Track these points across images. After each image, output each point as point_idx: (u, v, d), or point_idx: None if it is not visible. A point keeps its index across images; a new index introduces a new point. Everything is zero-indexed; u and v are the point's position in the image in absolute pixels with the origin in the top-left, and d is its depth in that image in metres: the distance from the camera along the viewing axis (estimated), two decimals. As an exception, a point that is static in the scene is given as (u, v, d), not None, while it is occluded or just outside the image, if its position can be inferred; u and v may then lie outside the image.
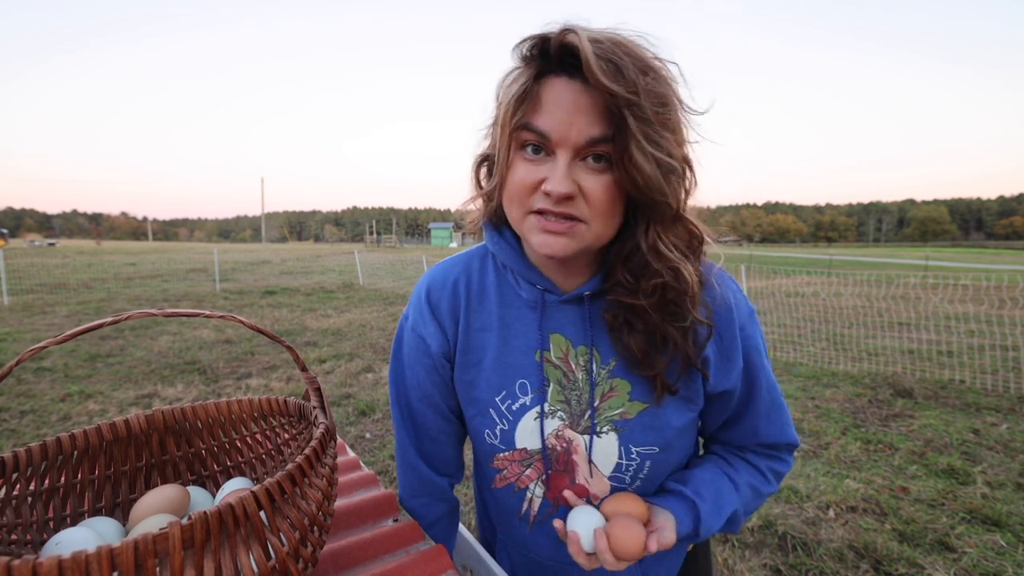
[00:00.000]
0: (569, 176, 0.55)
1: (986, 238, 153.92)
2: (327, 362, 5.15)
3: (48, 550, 0.55)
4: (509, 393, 0.70)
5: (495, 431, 0.72)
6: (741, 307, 0.69)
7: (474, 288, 0.73)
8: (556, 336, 0.69)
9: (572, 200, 0.56)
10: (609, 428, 0.68)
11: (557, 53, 0.55)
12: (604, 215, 0.58)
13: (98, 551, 0.39)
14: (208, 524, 0.45)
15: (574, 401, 0.69)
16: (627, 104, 0.52)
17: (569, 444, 0.70)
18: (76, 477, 0.68)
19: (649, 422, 0.68)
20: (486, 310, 0.72)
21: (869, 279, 9.33)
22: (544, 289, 0.68)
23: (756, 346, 0.70)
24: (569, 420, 0.69)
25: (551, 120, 0.55)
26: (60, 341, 0.55)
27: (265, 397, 0.83)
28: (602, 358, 0.68)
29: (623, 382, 0.67)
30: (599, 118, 0.54)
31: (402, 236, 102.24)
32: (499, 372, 0.70)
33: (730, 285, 0.69)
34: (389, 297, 10.06)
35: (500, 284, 0.72)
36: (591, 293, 0.67)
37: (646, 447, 0.68)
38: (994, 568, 2.07)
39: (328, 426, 0.64)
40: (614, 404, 0.68)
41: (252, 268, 17.09)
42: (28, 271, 11.31)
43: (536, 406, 0.69)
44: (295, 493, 0.55)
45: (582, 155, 0.56)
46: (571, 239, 0.58)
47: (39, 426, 3.44)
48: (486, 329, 0.72)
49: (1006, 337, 5.53)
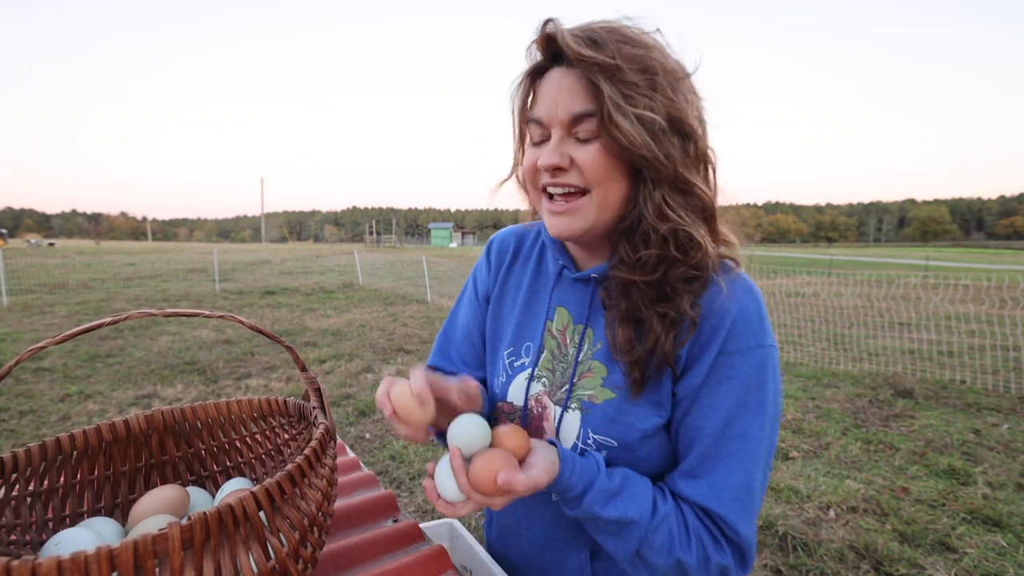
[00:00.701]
0: (558, 150, 0.60)
1: (987, 238, 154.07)
2: (327, 362, 5.15)
3: (47, 550, 0.55)
4: (515, 351, 0.78)
5: (498, 381, 0.79)
6: (741, 331, 0.61)
7: (523, 252, 0.84)
8: (562, 310, 0.74)
9: (566, 172, 0.61)
10: (576, 406, 0.70)
11: (545, 47, 0.61)
12: (601, 180, 0.60)
13: (97, 552, 0.39)
14: (208, 524, 0.45)
15: (559, 372, 0.72)
16: (604, 70, 0.55)
17: (543, 411, 0.73)
18: (76, 477, 0.68)
19: (612, 414, 0.67)
20: (524, 273, 0.82)
21: (869, 279, 9.33)
22: (563, 265, 0.74)
23: (734, 379, 0.61)
24: (549, 388, 0.73)
25: (543, 108, 0.61)
26: (59, 341, 0.55)
27: (265, 397, 0.83)
28: (593, 339, 0.70)
29: (601, 366, 0.69)
30: (582, 94, 0.58)
31: (402, 236, 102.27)
32: (515, 330, 0.79)
33: (743, 299, 0.62)
34: (389, 297, 10.06)
35: (542, 255, 0.81)
36: (598, 277, 0.70)
37: (603, 437, 0.67)
38: (995, 568, 2.07)
39: (328, 426, 0.64)
40: (587, 385, 0.69)
41: (252, 268, 17.09)
42: (27, 271, 11.30)
43: (530, 368, 0.75)
44: (295, 493, 0.54)
45: (573, 132, 0.60)
46: (575, 217, 0.62)
47: (38, 426, 3.44)
48: (518, 288, 0.81)
49: (1007, 337, 5.53)
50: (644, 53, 0.57)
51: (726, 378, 0.61)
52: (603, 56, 0.55)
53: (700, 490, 0.62)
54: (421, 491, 2.69)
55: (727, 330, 0.61)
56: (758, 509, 0.63)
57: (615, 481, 0.62)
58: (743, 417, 0.61)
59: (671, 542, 0.61)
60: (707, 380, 0.62)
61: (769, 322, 0.64)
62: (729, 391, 0.61)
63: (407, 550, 0.73)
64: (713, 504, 0.61)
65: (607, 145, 0.58)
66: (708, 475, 0.62)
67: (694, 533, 0.62)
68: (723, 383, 0.61)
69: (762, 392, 0.61)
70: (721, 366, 0.61)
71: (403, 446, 3.19)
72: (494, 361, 0.82)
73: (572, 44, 0.56)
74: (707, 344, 0.62)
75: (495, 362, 0.81)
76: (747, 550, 0.62)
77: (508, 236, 0.87)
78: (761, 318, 0.62)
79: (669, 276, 0.61)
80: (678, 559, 0.61)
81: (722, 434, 0.61)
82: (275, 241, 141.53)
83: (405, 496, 2.66)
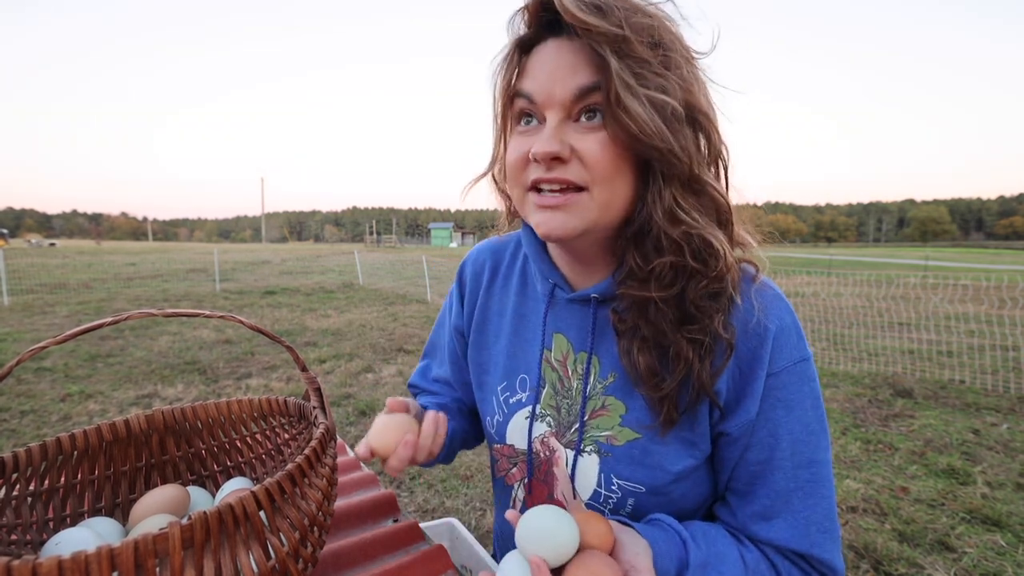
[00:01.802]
0: (557, 136, 0.50)
1: (986, 238, 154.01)
2: (327, 362, 5.15)
3: (48, 550, 0.55)
4: (509, 385, 0.69)
5: (493, 420, 0.71)
6: (783, 347, 0.55)
7: (501, 271, 0.74)
8: (559, 337, 0.65)
9: (565, 164, 0.50)
10: (592, 448, 0.61)
11: (537, 12, 0.51)
12: (605, 178, 0.50)
13: (98, 551, 0.39)
14: (208, 524, 0.45)
15: (564, 410, 0.63)
16: (611, 41, 0.46)
17: (552, 454, 0.65)
18: (76, 477, 0.68)
19: (638, 456, 0.58)
20: (507, 295, 0.72)
21: (869, 279, 9.33)
22: (554, 284, 0.65)
23: (789, 401, 0.55)
24: (556, 429, 0.64)
25: (535, 82, 0.51)
26: (60, 341, 0.55)
27: (265, 397, 0.83)
28: (601, 369, 0.61)
29: (617, 403, 0.60)
30: (584, 66, 0.49)
31: (402, 236, 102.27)
32: (506, 361, 0.70)
33: (778, 312, 0.55)
34: (389, 297, 10.06)
35: (526, 272, 0.71)
36: (599, 296, 0.60)
37: (629, 483, 0.59)
38: (994, 568, 2.07)
39: (328, 426, 0.64)
40: (602, 424, 0.60)
41: (252, 268, 17.09)
42: (28, 271, 11.30)
43: (529, 405, 0.66)
44: (295, 493, 0.55)
45: (573, 115, 0.51)
46: (570, 214, 0.52)
47: (39, 426, 3.44)
48: (502, 315, 0.71)
49: (1006, 337, 5.53)
50: (656, 24, 0.49)
51: (779, 402, 0.55)
52: (609, 25, 0.46)
53: (782, 533, 0.55)
54: (421, 491, 2.70)
55: (770, 350, 0.54)
56: (840, 531, 0.58)
57: (702, 548, 0.54)
58: (808, 441, 0.55)
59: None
60: (761, 408, 0.55)
61: (802, 328, 0.58)
62: (787, 417, 0.55)
63: (407, 550, 0.73)
64: (802, 545, 0.55)
65: (616, 135, 0.49)
66: (786, 513, 0.55)
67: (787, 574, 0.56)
68: (777, 408, 0.55)
69: (818, 409, 0.56)
70: (772, 389, 0.55)
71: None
72: (484, 397, 0.73)
73: (572, 9, 0.46)
74: (751, 370, 0.54)
75: (486, 398, 0.72)
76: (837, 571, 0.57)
77: (482, 254, 0.77)
78: (798, 328, 0.56)
79: (689, 292, 0.52)
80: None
81: (791, 465, 0.55)
82: (275, 241, 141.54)
83: (405, 496, 2.66)
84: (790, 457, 0.55)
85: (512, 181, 0.57)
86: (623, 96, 0.46)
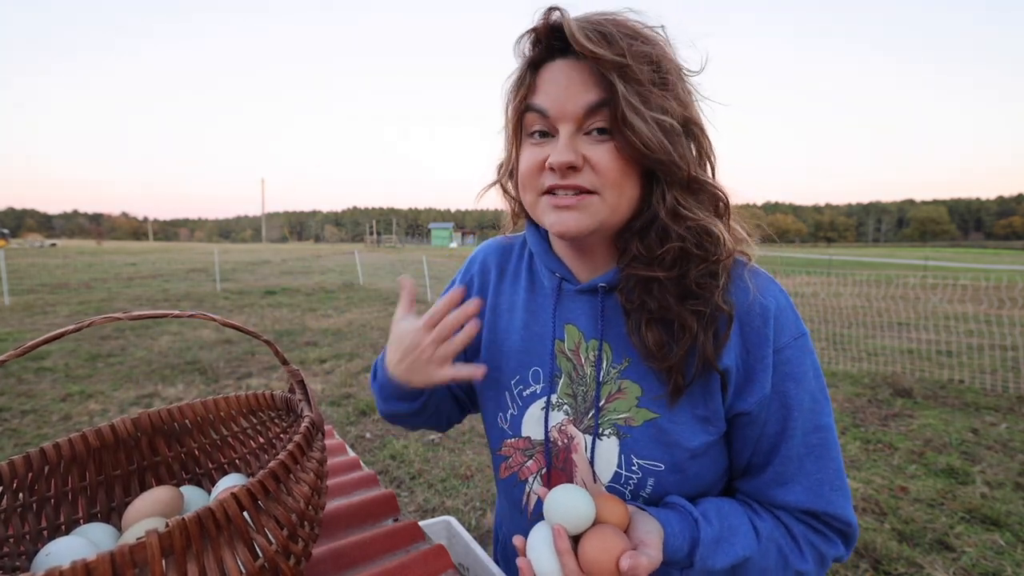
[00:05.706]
0: (571, 147, 0.55)
1: (985, 238, 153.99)
2: (327, 362, 5.15)
3: (38, 562, 0.55)
4: (523, 378, 0.71)
5: (507, 415, 0.73)
6: (784, 324, 0.60)
7: (509, 270, 0.77)
8: (570, 327, 0.68)
9: (578, 172, 0.56)
10: (611, 431, 0.64)
11: (546, 36, 0.57)
12: (615, 184, 0.56)
13: (73, 566, 0.39)
14: (187, 529, 0.44)
15: (580, 397, 0.66)
16: (616, 67, 0.52)
17: (570, 441, 0.67)
18: (67, 485, 0.67)
19: (656, 435, 0.62)
20: (516, 293, 0.75)
21: (868, 279, 9.32)
22: (561, 278, 0.69)
23: (796, 375, 0.60)
24: (573, 416, 0.67)
25: (548, 98, 0.57)
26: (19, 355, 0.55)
27: (252, 392, 0.83)
28: (613, 355, 0.65)
29: (633, 385, 0.63)
30: (593, 85, 0.55)
31: (402, 236, 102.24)
32: (518, 356, 0.72)
33: (774, 292, 0.61)
34: (389, 297, 10.06)
35: (533, 269, 0.75)
36: (606, 286, 0.64)
37: (649, 461, 0.62)
38: (993, 567, 2.07)
39: (313, 419, 0.64)
40: (620, 407, 0.64)
41: (252, 268, 17.09)
42: (29, 271, 11.32)
43: (544, 396, 0.69)
44: (280, 490, 0.54)
45: (584, 128, 0.56)
46: (583, 213, 0.57)
47: (40, 426, 3.45)
48: (512, 311, 0.74)
49: (1005, 337, 5.52)
50: (653, 50, 0.55)
51: (787, 376, 0.59)
52: (613, 55, 0.52)
53: (798, 495, 0.60)
54: (421, 490, 2.70)
55: (773, 328, 0.59)
56: (850, 489, 0.63)
57: (714, 524, 0.58)
58: (814, 409, 0.60)
59: (783, 559, 0.60)
60: (772, 383, 0.59)
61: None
62: (796, 389, 0.59)
63: (407, 549, 0.73)
64: (817, 504, 0.60)
65: (621, 146, 0.55)
66: (801, 476, 0.60)
67: (803, 539, 0.61)
68: (787, 382, 0.59)
69: (819, 379, 0.62)
70: (779, 364, 0.59)
71: (403, 445, 3.20)
72: (496, 395, 0.74)
73: (581, 39, 0.52)
74: (759, 348, 0.59)
75: (498, 396, 0.74)
76: (854, 531, 0.62)
77: (490, 253, 0.80)
78: (791, 306, 0.62)
79: (690, 273, 0.57)
80: (796, 571, 0.60)
81: (801, 432, 0.60)
82: (276, 241, 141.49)
83: (405, 495, 2.67)
84: (800, 426, 0.60)
85: (526, 187, 0.62)
86: (629, 116, 0.53)
